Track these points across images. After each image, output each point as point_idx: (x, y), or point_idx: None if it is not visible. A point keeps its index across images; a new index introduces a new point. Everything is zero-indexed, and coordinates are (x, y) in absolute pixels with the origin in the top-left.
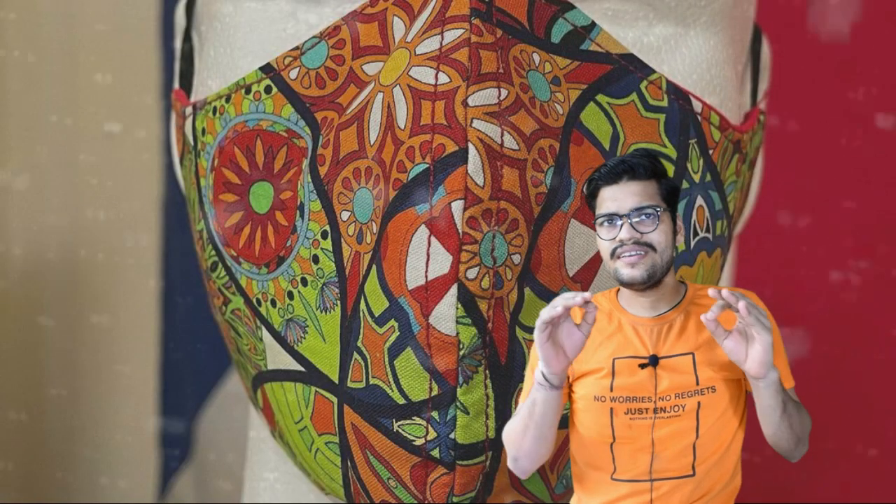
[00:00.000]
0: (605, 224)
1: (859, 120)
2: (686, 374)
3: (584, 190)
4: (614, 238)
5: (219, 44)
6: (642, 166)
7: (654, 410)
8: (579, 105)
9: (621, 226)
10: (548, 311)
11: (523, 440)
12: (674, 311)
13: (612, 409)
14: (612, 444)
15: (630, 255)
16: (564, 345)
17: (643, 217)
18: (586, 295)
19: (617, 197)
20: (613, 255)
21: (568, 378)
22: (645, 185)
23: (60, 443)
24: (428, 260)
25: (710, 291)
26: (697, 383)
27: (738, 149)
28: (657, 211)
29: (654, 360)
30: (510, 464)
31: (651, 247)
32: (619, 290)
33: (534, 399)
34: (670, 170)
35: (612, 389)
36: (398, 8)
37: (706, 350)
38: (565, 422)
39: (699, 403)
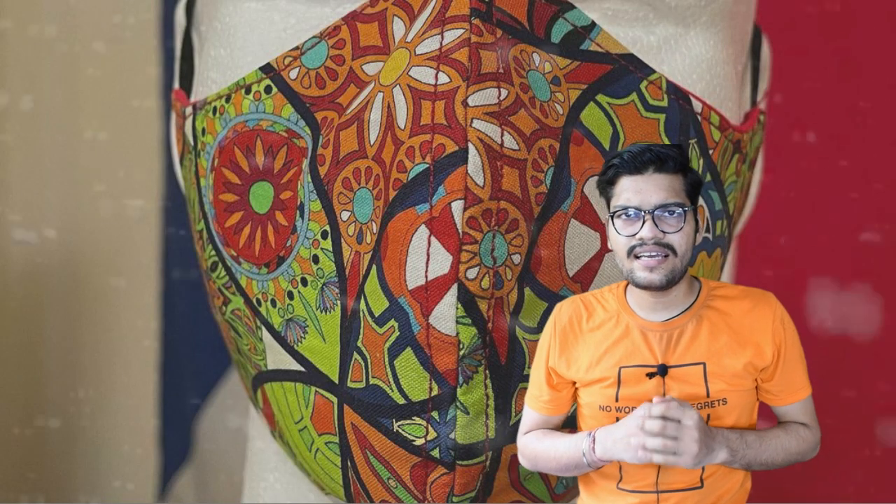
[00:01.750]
0: (623, 217)
1: (862, 119)
2: (696, 385)
3: (593, 185)
4: (634, 235)
5: (219, 44)
6: (672, 158)
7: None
8: (579, 105)
9: (643, 222)
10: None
11: (546, 467)
12: (685, 314)
13: (617, 418)
14: None
15: (650, 257)
16: None
17: (667, 214)
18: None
19: (640, 189)
20: (630, 253)
21: (574, 384)
22: (672, 180)
23: (61, 443)
24: (428, 260)
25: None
26: (708, 395)
27: (738, 149)
28: (684, 210)
29: (662, 370)
30: (527, 465)
31: (672, 249)
32: (627, 285)
33: (567, 456)
34: None
35: (617, 399)
36: (398, 8)
37: (718, 360)
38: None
39: (709, 416)
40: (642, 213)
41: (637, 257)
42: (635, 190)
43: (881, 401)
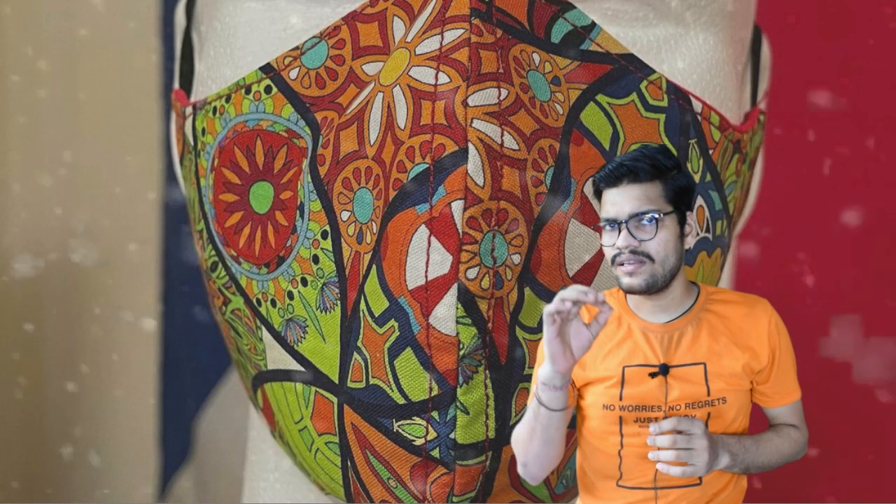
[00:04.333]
0: (607, 228)
1: (860, 120)
2: (697, 385)
3: (589, 189)
4: (613, 244)
5: (219, 44)
6: (643, 169)
7: (665, 419)
8: (579, 105)
9: (619, 232)
10: (556, 304)
11: (530, 444)
12: (685, 317)
13: (621, 417)
14: (619, 451)
15: (628, 264)
16: (571, 343)
17: (644, 222)
18: (600, 295)
19: (617, 201)
20: (614, 261)
21: (575, 384)
22: (646, 189)
23: (60, 442)
24: (428, 260)
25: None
26: (709, 394)
27: (738, 149)
28: (656, 217)
29: (664, 370)
30: (520, 470)
31: (648, 256)
32: None
33: (538, 400)
34: None
35: (621, 398)
36: (398, 8)
37: (718, 360)
38: (573, 422)
39: (709, 414)
40: (618, 223)
41: (620, 265)
42: (612, 202)
43: (881, 401)
